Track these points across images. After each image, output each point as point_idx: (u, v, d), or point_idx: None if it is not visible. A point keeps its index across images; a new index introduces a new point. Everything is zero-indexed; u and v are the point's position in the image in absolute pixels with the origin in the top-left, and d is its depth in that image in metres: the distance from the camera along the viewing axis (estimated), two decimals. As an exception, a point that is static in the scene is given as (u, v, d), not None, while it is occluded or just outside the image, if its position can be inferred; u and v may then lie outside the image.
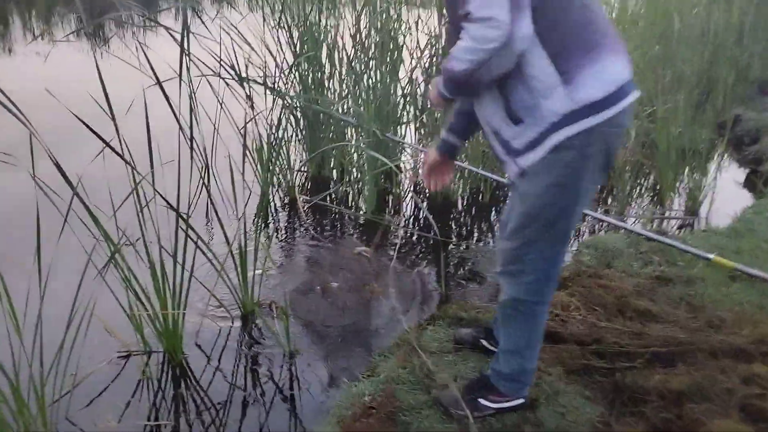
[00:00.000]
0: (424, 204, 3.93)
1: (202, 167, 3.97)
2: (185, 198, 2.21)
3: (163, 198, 2.15)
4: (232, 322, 2.54)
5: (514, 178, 1.62)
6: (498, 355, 1.86)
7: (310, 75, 4.02)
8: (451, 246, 3.30)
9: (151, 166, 2.09)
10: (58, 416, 1.95)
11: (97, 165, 2.16)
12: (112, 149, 2.01)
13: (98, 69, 2.01)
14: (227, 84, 3.73)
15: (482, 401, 1.87)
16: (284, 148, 4.08)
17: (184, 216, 2.20)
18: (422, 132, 4.32)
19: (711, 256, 2.69)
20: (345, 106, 3.87)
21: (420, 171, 1.85)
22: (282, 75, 3.95)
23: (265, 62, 3.95)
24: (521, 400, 1.88)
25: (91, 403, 2.06)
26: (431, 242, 3.33)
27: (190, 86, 2.40)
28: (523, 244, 1.63)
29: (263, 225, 2.73)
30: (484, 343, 2.17)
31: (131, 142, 2.09)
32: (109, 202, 2.10)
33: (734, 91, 5.44)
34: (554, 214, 1.57)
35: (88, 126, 2.00)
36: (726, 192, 3.91)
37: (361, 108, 3.68)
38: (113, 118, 1.98)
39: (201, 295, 2.55)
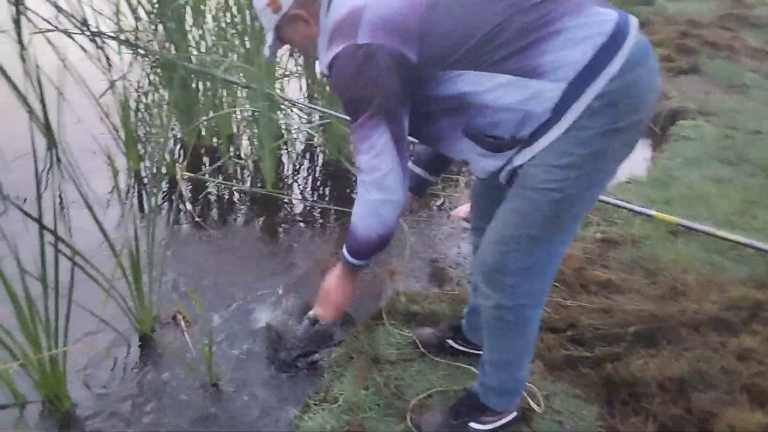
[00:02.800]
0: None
1: (49, 149, 3.27)
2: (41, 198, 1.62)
3: (19, 208, 1.54)
4: (129, 348, 2.01)
5: (503, 179, 1.31)
6: (483, 367, 1.55)
7: (177, 26, 3.34)
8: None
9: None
10: None
11: None
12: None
13: None
14: (73, 39, 3.00)
15: (473, 425, 1.56)
16: (156, 114, 3.42)
17: (51, 228, 1.62)
18: (311, 87, 3.82)
19: (653, 212, 2.57)
20: (227, 64, 3.26)
21: None
22: (138, 27, 3.25)
23: (117, 11, 3.22)
24: (513, 414, 1.60)
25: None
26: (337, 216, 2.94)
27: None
28: (518, 249, 1.29)
29: (151, 213, 2.15)
30: (452, 343, 1.86)
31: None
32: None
33: None
34: (571, 207, 1.25)
35: None
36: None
37: (252, 66, 3.10)
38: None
39: (83, 318, 1.95)
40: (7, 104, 1.86)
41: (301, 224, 2.90)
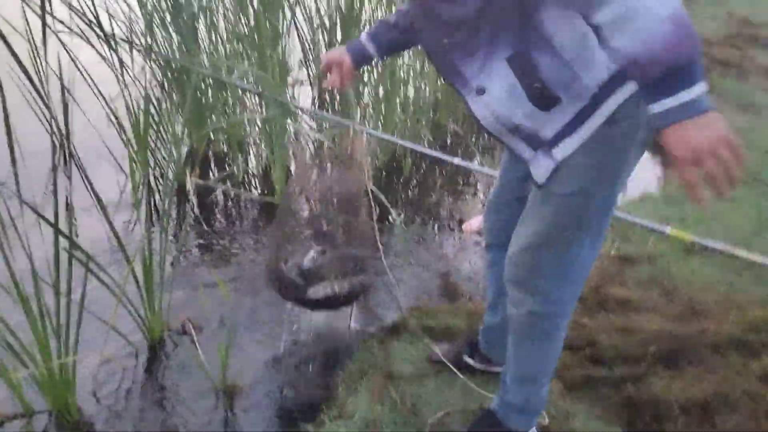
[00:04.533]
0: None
1: (59, 150, 3.24)
2: (43, 195, 1.59)
3: (35, 212, 1.51)
4: (137, 357, 1.97)
5: (543, 177, 1.24)
6: (505, 383, 1.52)
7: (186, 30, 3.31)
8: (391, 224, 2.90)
9: (13, 163, 1.46)
10: None
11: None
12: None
13: None
14: (88, 42, 2.98)
15: (493, 446, 1.53)
16: (165, 120, 3.39)
17: (66, 233, 1.59)
18: (323, 96, 3.81)
19: (667, 229, 2.54)
20: (241, 73, 3.23)
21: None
22: (147, 31, 3.22)
23: (130, 14, 3.21)
24: (533, 432, 1.57)
25: None
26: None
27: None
28: (549, 254, 1.28)
29: (161, 220, 2.12)
30: (469, 361, 1.82)
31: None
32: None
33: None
34: (596, 208, 1.23)
35: None
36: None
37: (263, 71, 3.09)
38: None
39: (93, 326, 1.90)
40: (15, 104, 1.84)
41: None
